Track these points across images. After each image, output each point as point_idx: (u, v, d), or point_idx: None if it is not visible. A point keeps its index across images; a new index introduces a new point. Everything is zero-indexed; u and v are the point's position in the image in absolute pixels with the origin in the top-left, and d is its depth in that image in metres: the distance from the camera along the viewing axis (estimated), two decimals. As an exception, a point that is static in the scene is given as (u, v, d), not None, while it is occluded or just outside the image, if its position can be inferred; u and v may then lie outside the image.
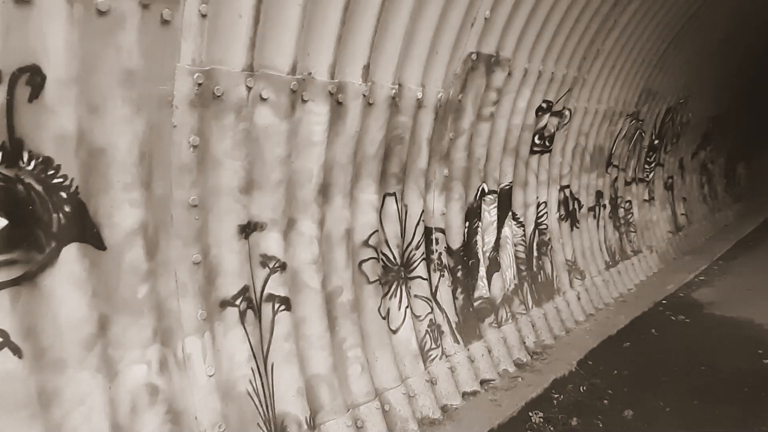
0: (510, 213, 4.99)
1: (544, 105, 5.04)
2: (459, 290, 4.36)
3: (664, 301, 6.51)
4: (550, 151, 5.42)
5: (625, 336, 5.40)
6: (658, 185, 8.57)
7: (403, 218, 3.82)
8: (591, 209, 6.52)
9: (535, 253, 5.36)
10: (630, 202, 7.59)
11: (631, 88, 6.50)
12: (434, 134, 3.84)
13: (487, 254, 4.74)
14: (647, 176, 8.16)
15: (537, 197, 5.42)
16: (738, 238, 10.03)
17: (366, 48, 2.95)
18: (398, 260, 3.77)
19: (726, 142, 11.78)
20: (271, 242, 2.91)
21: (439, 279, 4.16)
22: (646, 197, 8.18)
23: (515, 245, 5.13)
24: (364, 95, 3.09)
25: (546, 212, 5.55)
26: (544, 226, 5.54)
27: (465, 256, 4.42)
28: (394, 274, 3.77)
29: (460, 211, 4.28)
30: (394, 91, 3.27)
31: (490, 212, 4.73)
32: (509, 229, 4.97)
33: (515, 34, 4.04)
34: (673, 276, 7.44)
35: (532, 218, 5.30)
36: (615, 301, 6.32)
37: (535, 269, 5.34)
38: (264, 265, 2.92)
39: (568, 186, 5.92)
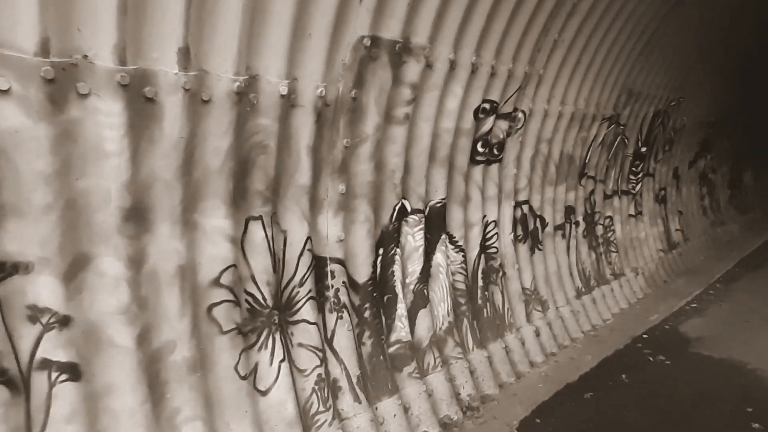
0: (444, 236, 4.23)
1: (486, 106, 4.29)
2: (366, 334, 3.60)
3: (644, 336, 5.68)
4: (499, 160, 4.66)
5: (589, 383, 4.57)
6: (647, 198, 7.75)
7: (279, 248, 3.09)
8: (559, 228, 5.74)
9: (481, 283, 4.59)
10: (611, 218, 6.79)
11: (606, 88, 5.72)
12: (319, 141, 3.10)
13: (411, 287, 3.98)
14: (633, 188, 7.35)
15: (484, 216, 4.66)
16: (741, 256, 9.13)
17: (178, 23, 2.22)
18: (271, 301, 3.03)
19: (730, 149, 10.89)
20: (41, 288, 2.19)
21: (337, 321, 3.41)
22: (632, 212, 7.36)
23: (453, 274, 4.36)
24: (186, 89, 2.37)
25: (496, 233, 4.78)
26: (493, 250, 4.77)
27: (376, 292, 3.66)
28: (265, 319, 3.03)
29: (368, 236, 3.53)
30: (238, 84, 2.52)
31: (414, 236, 3.97)
32: (443, 255, 4.21)
33: (429, 16, 3.27)
34: (660, 303, 6.60)
35: (476, 241, 4.53)
36: (585, 336, 5.52)
37: (479, 302, 4.57)
38: (33, 320, 2.20)
39: (526, 201, 5.15)
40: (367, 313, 3.56)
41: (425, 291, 4.02)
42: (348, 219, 3.38)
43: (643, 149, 7.31)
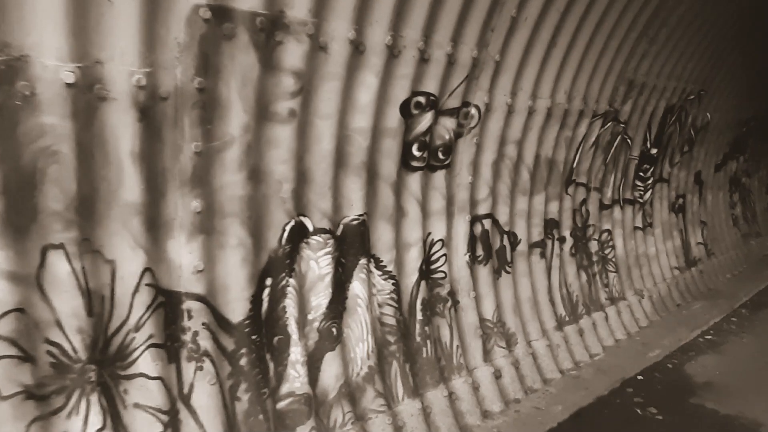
0: (366, 260, 3.52)
1: (420, 100, 3.54)
2: (243, 387, 2.92)
3: (639, 378, 4.79)
4: (446, 166, 3.91)
5: (552, 444, 3.81)
6: (659, 207, 6.78)
7: (100, 283, 2.44)
8: (537, 245, 4.90)
9: (420, 316, 3.84)
10: (609, 231, 5.89)
11: (596, 79, 4.85)
12: (151, 145, 2.45)
13: (315, 325, 3.28)
14: (640, 196, 6.41)
15: (428, 234, 3.92)
16: (778, 275, 8.11)
17: None
18: (85, 353, 2.40)
19: (769, 150, 9.76)
20: None
21: (196, 373, 2.75)
22: (639, 224, 6.43)
23: (379, 306, 3.63)
24: None
25: (445, 254, 4.04)
26: (439, 275, 4.02)
27: (258, 333, 2.98)
28: (76, 376, 2.39)
29: (243, 264, 2.83)
30: (-12, 68, 1.93)
31: (318, 261, 3.28)
32: (364, 283, 3.49)
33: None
34: (667, 334, 5.63)
35: (414, 265, 3.77)
36: (563, 378, 4.67)
37: (417, 339, 3.82)
38: None
39: (488, 215, 4.35)
40: (243, 361, 2.89)
41: (335, 329, 3.31)
42: (211, 244, 2.72)
43: (653, 151, 6.36)
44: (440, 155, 3.80)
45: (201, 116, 2.48)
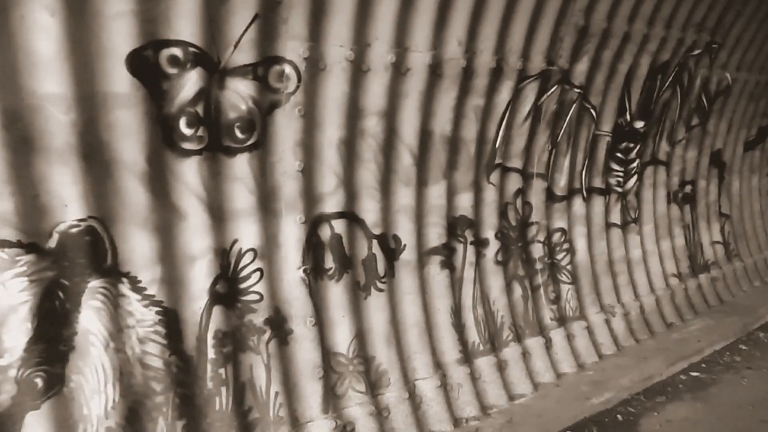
0: (108, 280, 2.61)
1: (176, 53, 2.57)
2: None
3: (567, 434, 3.74)
4: (252, 148, 2.95)
5: None
6: (650, 198, 5.38)
7: None
8: (436, 252, 3.84)
9: (213, 354, 2.90)
10: (564, 231, 4.72)
11: (516, 22, 3.61)
12: None
13: (9, 374, 2.45)
14: (619, 184, 5.09)
15: (232, 241, 2.97)
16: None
17: None
18: None
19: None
20: None
21: None
22: (617, 220, 5.14)
23: (140, 342, 2.74)
24: None
25: (260, 269, 3.10)
26: (252, 297, 3.07)
27: None
28: None
29: None
30: None
31: (5, 286, 2.45)
32: (101, 313, 2.57)
33: None
34: (634, 368, 4.31)
35: (201, 284, 2.72)
36: None
37: (210, 386, 2.88)
38: None
39: (343, 214, 3.33)
40: None
41: (43, 379, 2.50)
42: None
43: (639, 125, 5.03)
44: (238, 133, 2.82)
45: None
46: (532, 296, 4.32)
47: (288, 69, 2.79)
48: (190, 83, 2.52)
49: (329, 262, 3.26)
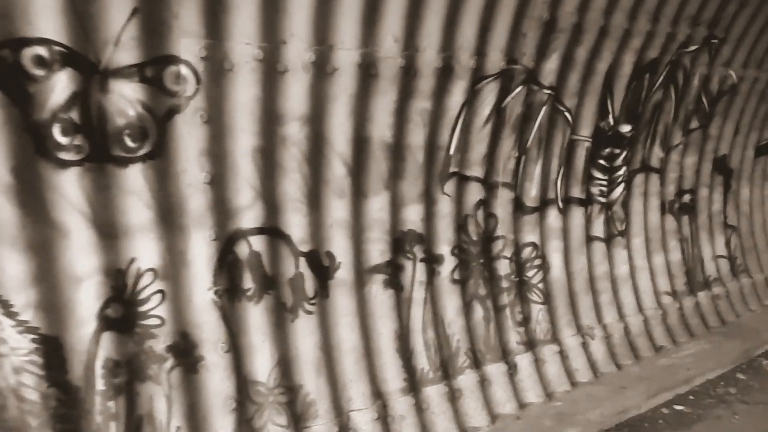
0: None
1: (41, 52, 2.32)
2: None
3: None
4: (147, 158, 2.64)
5: None
6: (640, 209, 4.93)
7: None
8: (378, 270, 3.48)
9: (103, 385, 2.59)
10: (536, 245, 4.34)
11: (465, 15, 3.27)
12: None
13: None
14: (602, 194, 4.67)
15: (130, 260, 2.68)
16: None
17: None
18: None
19: None
20: None
21: None
22: (600, 233, 4.72)
23: (15, 372, 2.49)
24: None
25: (161, 291, 2.80)
26: (152, 321, 2.76)
27: None
28: None
29: None
30: None
31: None
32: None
33: None
34: (607, 399, 3.90)
35: (89, 308, 2.41)
36: (391, 470, 3.37)
37: (98, 420, 2.58)
38: None
39: (264, 230, 3.01)
40: None
41: None
42: None
43: (625, 129, 4.62)
44: (128, 141, 2.56)
45: None
46: (496, 318, 3.97)
47: (184, 70, 2.52)
48: (60, 86, 2.27)
49: (248, 282, 2.99)
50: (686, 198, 5.30)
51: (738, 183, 5.80)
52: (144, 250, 2.67)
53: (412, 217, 3.55)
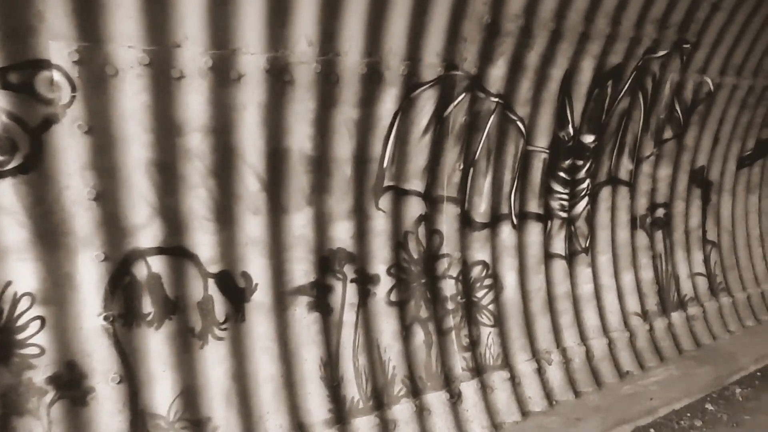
0: None
1: None
2: None
3: None
4: (19, 172, 2.43)
5: None
6: (606, 223, 4.66)
7: None
8: (302, 291, 3.22)
9: None
10: (486, 264, 4.09)
11: (393, 14, 3.04)
12: None
13: None
14: (563, 208, 4.41)
15: (4, 284, 2.53)
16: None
17: None
18: None
19: None
20: None
21: None
22: (561, 250, 4.47)
23: None
24: None
25: (40, 317, 2.57)
26: (31, 350, 2.53)
27: None
28: None
29: None
30: None
31: None
32: None
33: None
34: None
35: None
36: None
37: None
38: None
39: (164, 250, 2.76)
40: None
41: None
42: None
43: (589, 139, 4.38)
44: (-12, 155, 2.39)
45: None
46: (439, 342, 3.72)
47: (57, 76, 2.31)
48: None
49: (147, 306, 2.78)
50: (660, 212, 5.03)
51: (718, 196, 5.52)
52: (20, 273, 2.45)
53: (342, 234, 3.32)
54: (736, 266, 5.66)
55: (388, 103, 3.19)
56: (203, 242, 2.87)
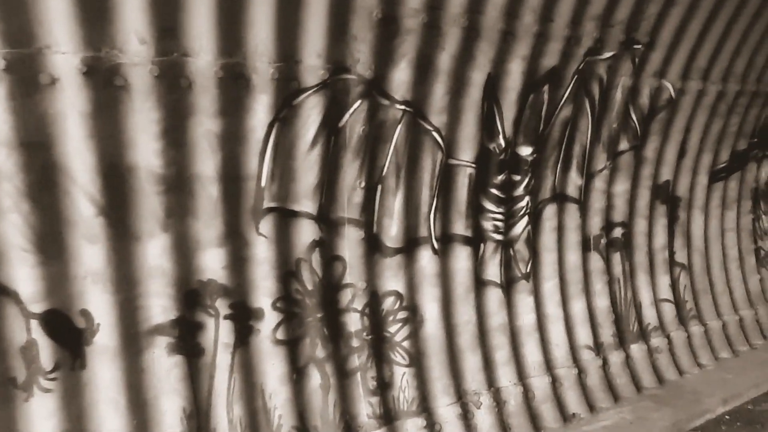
0: None
1: None
2: None
3: None
4: None
5: None
6: (552, 246, 4.19)
7: None
8: (160, 331, 2.78)
9: None
10: (400, 295, 3.60)
11: (256, 11, 2.64)
12: None
13: None
14: (497, 230, 3.98)
15: None
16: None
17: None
18: None
19: None
20: None
21: None
22: (495, 277, 3.96)
23: None
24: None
25: None
26: None
27: None
28: None
29: None
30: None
31: None
32: None
33: None
34: None
35: None
36: None
37: None
38: None
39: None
40: None
41: None
42: None
43: (526, 151, 3.92)
44: None
45: None
46: (339, 385, 3.26)
47: None
48: None
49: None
50: (617, 232, 4.55)
51: (688, 213, 5.02)
52: None
53: (212, 264, 2.88)
54: (710, 291, 5.14)
55: (259, 113, 2.76)
56: (22, 277, 2.43)
